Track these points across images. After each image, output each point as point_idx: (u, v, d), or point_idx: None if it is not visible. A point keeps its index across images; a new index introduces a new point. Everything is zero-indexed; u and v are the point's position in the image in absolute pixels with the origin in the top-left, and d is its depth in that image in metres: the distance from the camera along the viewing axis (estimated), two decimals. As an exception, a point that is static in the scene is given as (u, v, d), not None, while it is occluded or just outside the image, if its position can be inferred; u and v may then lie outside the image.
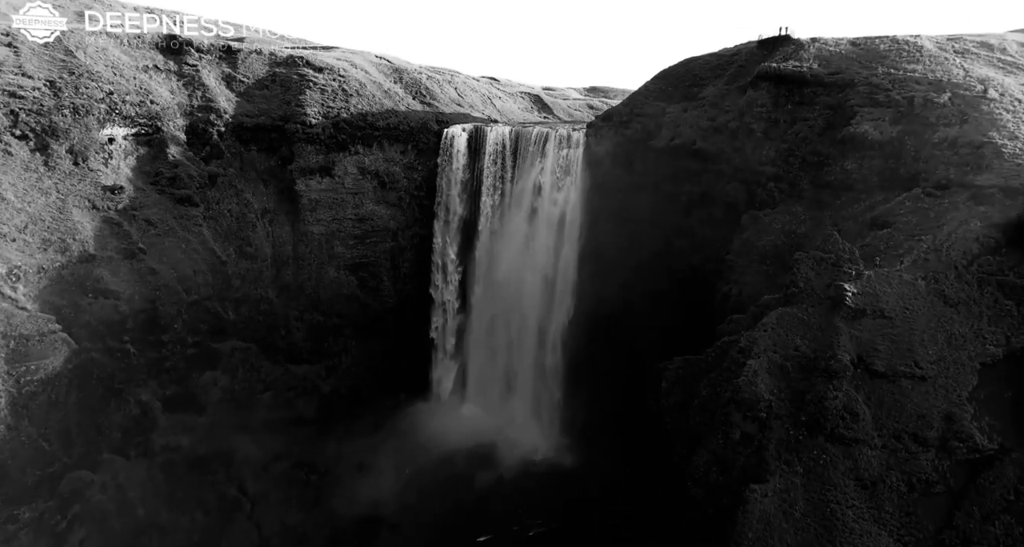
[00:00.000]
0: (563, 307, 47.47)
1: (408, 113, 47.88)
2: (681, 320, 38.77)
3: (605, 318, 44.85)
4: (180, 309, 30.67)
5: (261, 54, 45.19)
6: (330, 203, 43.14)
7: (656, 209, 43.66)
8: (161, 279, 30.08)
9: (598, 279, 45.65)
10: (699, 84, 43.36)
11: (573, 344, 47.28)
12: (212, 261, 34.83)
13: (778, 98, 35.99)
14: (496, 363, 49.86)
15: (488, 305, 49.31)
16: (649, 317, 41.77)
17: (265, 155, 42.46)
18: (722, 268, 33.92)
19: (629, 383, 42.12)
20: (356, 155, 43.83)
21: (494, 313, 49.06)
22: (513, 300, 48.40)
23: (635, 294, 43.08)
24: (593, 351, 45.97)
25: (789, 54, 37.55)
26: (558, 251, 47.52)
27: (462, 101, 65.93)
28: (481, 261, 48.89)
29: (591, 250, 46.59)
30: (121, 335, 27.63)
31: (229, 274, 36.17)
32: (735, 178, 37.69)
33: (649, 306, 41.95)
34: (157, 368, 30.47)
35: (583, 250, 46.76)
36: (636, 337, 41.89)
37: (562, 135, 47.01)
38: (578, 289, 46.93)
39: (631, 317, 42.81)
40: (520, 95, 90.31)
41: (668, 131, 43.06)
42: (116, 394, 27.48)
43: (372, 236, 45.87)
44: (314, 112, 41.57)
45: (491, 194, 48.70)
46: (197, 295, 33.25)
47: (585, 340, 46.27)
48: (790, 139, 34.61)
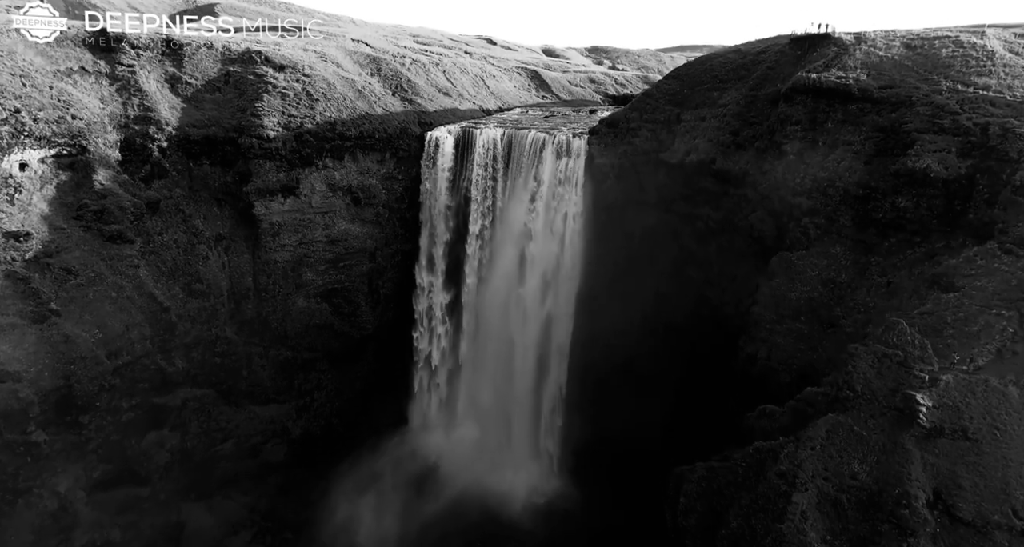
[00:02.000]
0: (562, 332, 42.79)
1: (385, 116, 41.98)
2: (697, 372, 34.26)
3: (608, 350, 40.32)
4: (105, 382, 25.86)
5: (212, 49, 38.93)
6: (296, 225, 37.78)
7: (668, 231, 38.54)
8: (79, 348, 25.09)
9: (600, 307, 40.87)
10: (719, 88, 37.51)
11: (575, 372, 42.86)
12: (151, 309, 29.79)
13: (816, 114, 30.38)
14: (490, 391, 45.49)
15: (480, 330, 44.59)
16: (658, 359, 37.16)
17: (220, 169, 36.82)
18: (747, 322, 29.08)
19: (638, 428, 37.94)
20: (324, 170, 38.20)
21: (487, 339, 44.38)
22: (507, 325, 43.68)
23: (643, 329, 38.40)
24: (598, 381, 41.62)
25: (830, 60, 31.72)
26: (556, 273, 42.53)
27: (451, 87, 59.65)
28: (471, 283, 43.90)
29: (592, 273, 41.63)
30: (24, 426, 22.65)
31: (174, 321, 31.16)
32: (762, 206, 32.43)
33: (659, 345, 37.32)
34: (79, 451, 25.93)
35: (584, 274, 41.78)
36: (644, 387, 37.35)
37: (560, 142, 41.29)
38: (579, 314, 42.18)
39: (638, 357, 38.21)
40: (516, 71, 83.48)
41: (683, 143, 37.47)
42: (22, 493, 22.95)
43: (346, 259, 40.71)
44: (273, 122, 35.70)
45: (480, 207, 43.31)
46: (131, 355, 28.41)
47: (587, 373, 41.84)
48: (830, 166, 29.22)
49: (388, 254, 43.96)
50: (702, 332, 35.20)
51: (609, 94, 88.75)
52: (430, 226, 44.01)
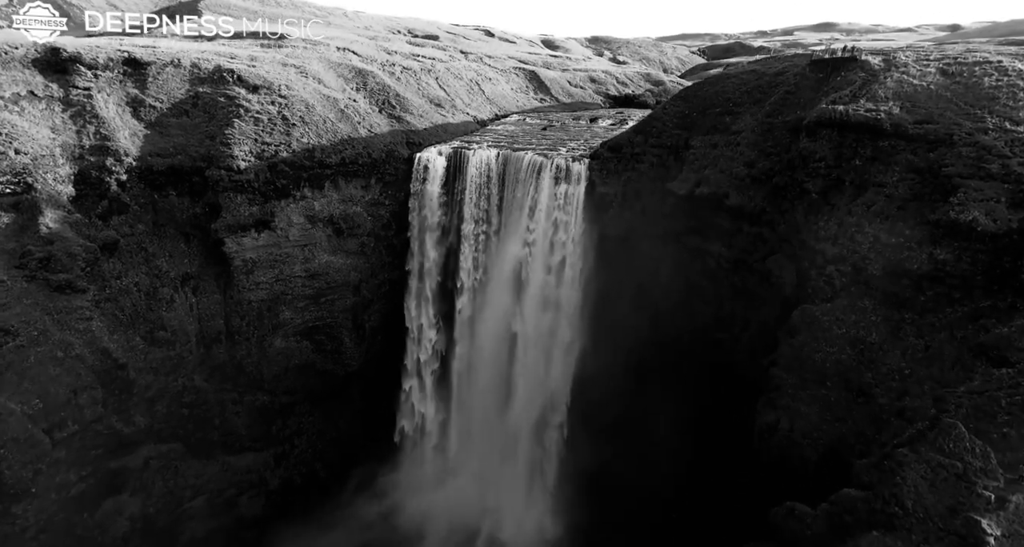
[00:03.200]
0: (561, 372, 39.95)
1: (370, 138, 38.85)
2: (707, 428, 31.52)
3: (610, 392, 37.58)
4: (43, 464, 22.98)
5: (180, 67, 35.68)
6: (271, 261, 34.76)
7: (676, 265, 35.60)
8: (11, 428, 22.11)
9: (601, 346, 38.08)
10: (732, 112, 34.50)
11: (576, 415, 40.09)
12: (104, 367, 26.84)
13: (842, 150, 27.44)
14: (484, 432, 42.72)
15: (473, 367, 41.75)
16: (664, 405, 34.44)
17: (188, 200, 33.71)
18: (765, 383, 26.26)
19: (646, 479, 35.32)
20: (303, 200, 35.13)
21: (480, 377, 41.55)
22: (502, 361, 40.84)
23: (648, 372, 35.68)
24: (601, 427, 38.88)
25: (857, 88, 28.72)
26: (555, 307, 39.63)
27: (444, 96, 56.51)
28: (464, 316, 40.99)
29: (594, 308, 38.79)
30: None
31: (132, 377, 28.22)
32: (780, 250, 29.57)
33: (665, 390, 34.59)
34: (15, 542, 23.05)
35: (584, 308, 38.93)
36: (650, 436, 34.64)
37: (559, 167, 38.30)
38: (579, 353, 39.37)
39: (642, 403, 35.47)
40: (514, 72, 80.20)
41: (692, 172, 34.49)
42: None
43: (328, 294, 37.72)
44: (244, 152, 32.57)
45: (473, 236, 40.33)
46: (79, 424, 25.46)
47: (590, 416, 39.12)
48: (859, 210, 26.32)
49: (374, 285, 41.00)
50: (713, 380, 32.44)
51: (610, 95, 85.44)
52: (419, 256, 41.05)
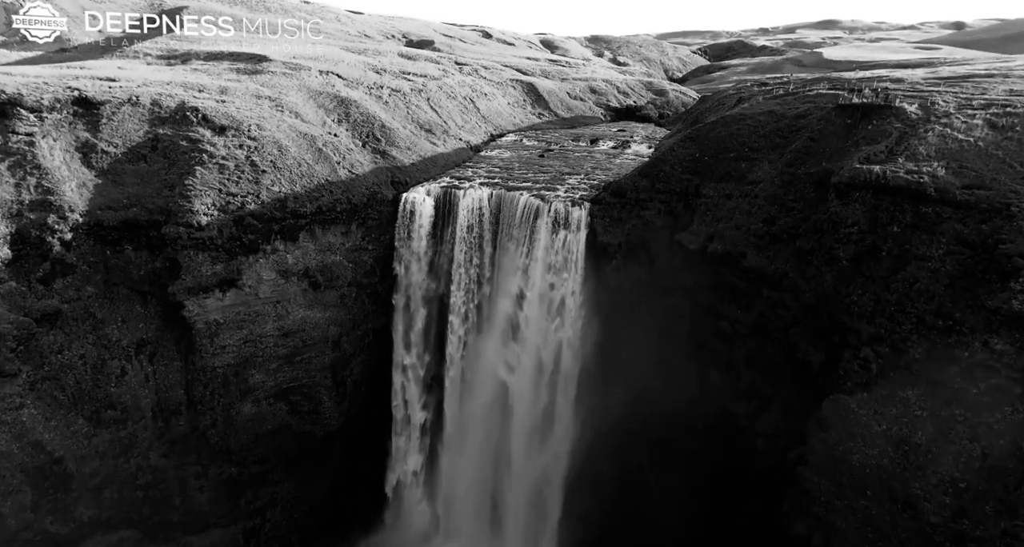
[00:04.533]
0: (560, 434, 36.64)
1: (351, 180, 35.48)
2: (720, 518, 28.32)
3: (613, 461, 34.36)
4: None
5: (138, 106, 32.26)
6: (239, 322, 31.39)
7: (685, 323, 32.40)
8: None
9: (603, 408, 34.81)
10: (748, 158, 31.26)
11: (577, 481, 36.77)
12: (37, 463, 23.51)
13: (878, 215, 24.21)
14: (477, 494, 39.40)
15: (465, 426, 38.43)
16: (669, 480, 31.26)
17: (146, 254, 30.31)
18: (796, 487, 23.01)
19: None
20: (274, 254, 31.77)
21: (472, 437, 38.24)
22: (496, 421, 37.54)
23: (652, 442, 32.50)
24: (603, 497, 35.60)
25: (894, 143, 25.50)
26: (553, 364, 36.35)
27: (435, 120, 53.24)
28: (454, 373, 37.68)
29: (595, 366, 35.52)
30: None
31: (70, 471, 24.88)
32: (806, 321, 26.34)
33: (671, 464, 31.42)
34: None
35: (584, 366, 35.66)
36: (656, 518, 31.40)
37: (557, 212, 34.96)
38: (579, 415, 36.07)
39: (647, 479, 32.26)
40: (510, 84, 76.95)
41: (704, 225, 31.27)
42: None
43: (305, 352, 34.40)
44: (206, 205, 29.15)
45: (464, 286, 37.03)
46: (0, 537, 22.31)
47: (591, 483, 35.82)
48: (899, 286, 23.12)
49: (356, 337, 37.64)
50: (728, 461, 29.22)
51: (611, 106, 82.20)
52: (405, 308, 37.71)
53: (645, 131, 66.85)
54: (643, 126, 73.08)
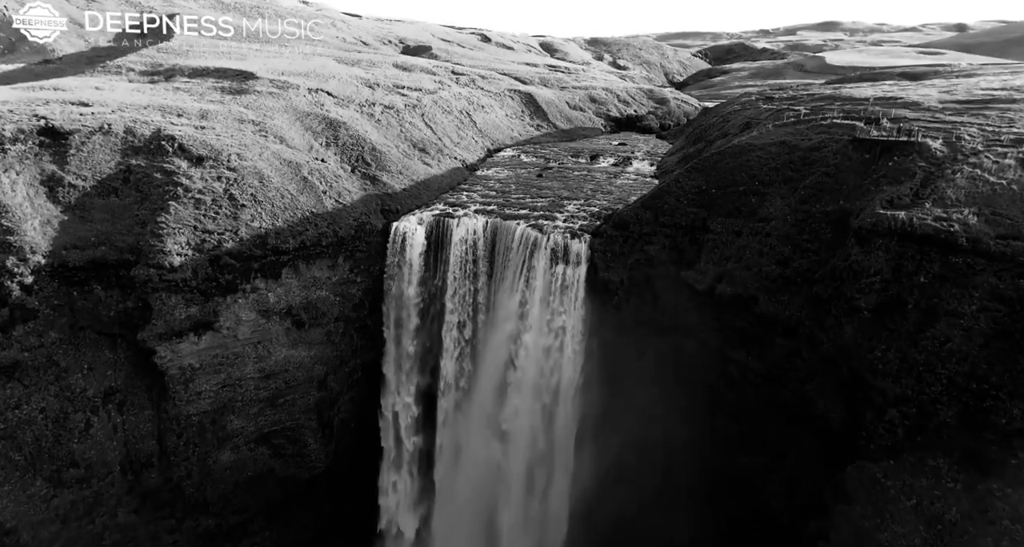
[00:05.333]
0: (558, 479, 34.71)
1: (338, 211, 33.53)
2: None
3: (615, 508, 32.42)
4: None
5: (110, 135, 30.33)
6: (216, 366, 29.44)
7: (692, 365, 30.49)
8: None
9: (604, 454, 32.90)
10: (758, 192, 29.36)
11: (577, 530, 34.80)
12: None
13: (903, 263, 22.35)
14: (474, 539, 37.41)
15: (458, 470, 36.44)
16: (675, 531, 29.34)
17: (117, 294, 28.35)
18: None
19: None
20: (255, 293, 29.82)
21: (466, 481, 36.26)
22: (490, 465, 35.56)
23: (656, 490, 30.53)
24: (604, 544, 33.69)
25: (919, 185, 23.64)
26: (551, 406, 34.44)
27: (430, 137, 51.43)
28: (446, 413, 35.72)
29: (595, 409, 33.61)
30: None
31: (24, 542, 22.96)
32: (824, 374, 24.46)
33: (677, 516, 29.47)
34: None
35: (584, 409, 33.74)
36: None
37: (556, 244, 33.07)
38: (579, 459, 34.15)
39: (652, 529, 30.32)
40: (508, 95, 75.29)
41: (712, 263, 29.36)
42: None
43: (288, 393, 32.47)
44: (180, 244, 27.19)
45: (458, 322, 35.10)
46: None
47: (592, 532, 33.87)
48: (928, 344, 21.23)
49: (344, 374, 35.69)
50: (739, 518, 27.32)
51: (611, 116, 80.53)
52: (396, 344, 35.76)
53: (646, 145, 65.07)
54: (644, 138, 71.28)
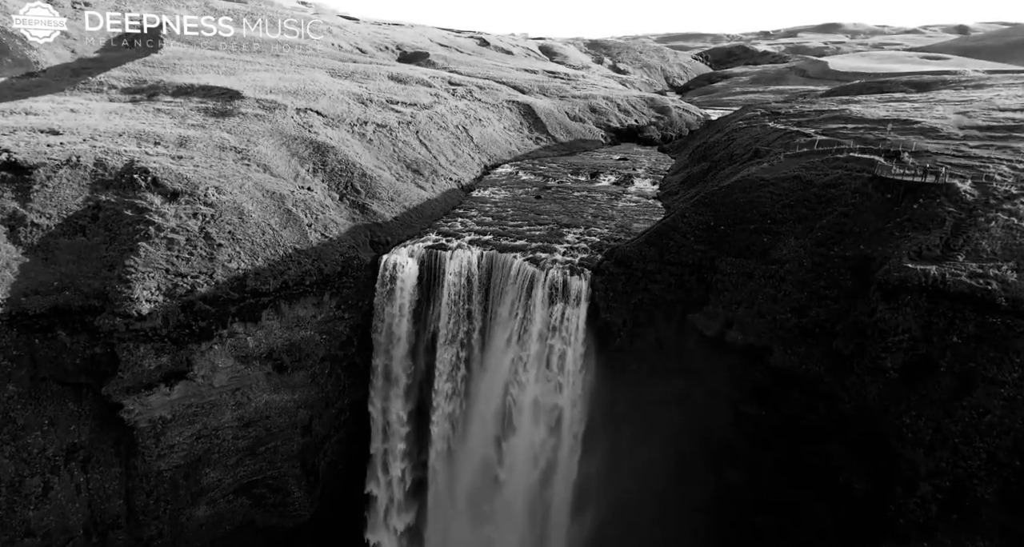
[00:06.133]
0: (557, 532, 32.69)
1: (323, 246, 31.57)
2: None
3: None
4: None
5: (78, 168, 28.41)
6: (190, 416, 27.49)
7: (700, 413, 28.56)
8: None
9: (606, 506, 30.97)
10: (771, 231, 27.45)
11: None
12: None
13: (933, 320, 20.44)
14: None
15: (450, 518, 34.47)
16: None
17: (85, 338, 26.38)
18: None
19: None
20: (232, 338, 27.87)
21: (459, 530, 34.26)
22: (484, 514, 33.59)
23: None
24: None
25: (949, 234, 21.73)
26: (550, 453, 32.46)
27: (424, 157, 49.65)
28: (438, 455, 33.78)
29: (596, 458, 31.67)
30: None
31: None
32: (846, 435, 22.52)
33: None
34: None
35: (585, 458, 31.79)
36: None
37: (554, 281, 31.16)
38: (578, 512, 32.16)
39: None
40: (507, 106, 73.54)
41: (721, 306, 27.44)
42: None
43: (270, 440, 30.54)
44: (150, 290, 25.21)
45: (451, 361, 33.17)
46: None
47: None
48: (964, 415, 19.32)
49: (331, 416, 33.76)
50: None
51: (612, 127, 78.84)
52: (385, 383, 33.82)
53: (648, 160, 63.31)
54: (646, 152, 69.52)
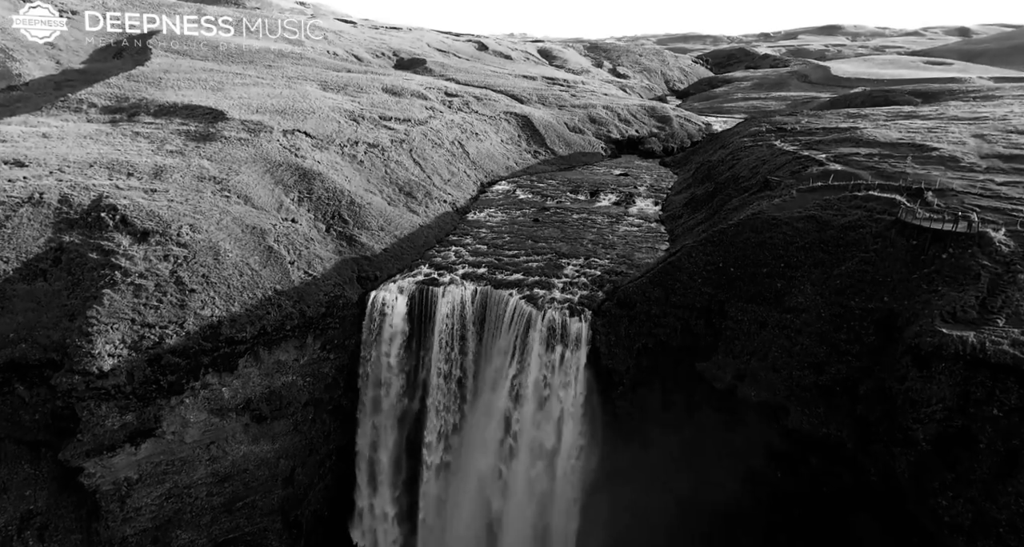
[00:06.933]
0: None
1: (306, 285, 29.57)
2: None
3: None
4: None
5: (41, 206, 26.45)
6: (160, 475, 25.49)
7: (708, 468, 26.58)
8: None
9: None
10: (785, 275, 25.51)
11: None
12: None
13: (970, 390, 18.53)
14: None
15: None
16: None
17: (44, 392, 24.40)
18: None
19: None
20: (206, 390, 25.87)
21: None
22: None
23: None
24: None
25: (986, 291, 19.79)
26: (547, 505, 30.45)
27: (418, 176, 47.85)
28: (428, 511, 31.78)
29: (599, 513, 29.66)
30: None
31: None
32: (871, 510, 20.59)
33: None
34: None
35: (585, 512, 29.80)
36: None
37: (552, 322, 29.20)
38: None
39: None
40: (504, 118, 71.80)
41: (731, 356, 25.49)
42: None
43: (248, 495, 28.55)
44: (113, 344, 23.18)
45: (442, 406, 31.20)
46: None
47: None
48: (1010, 501, 17.38)
49: (315, 463, 31.73)
50: None
51: (612, 138, 77.10)
52: (373, 427, 31.85)
53: (649, 176, 61.52)
54: (647, 166, 67.76)
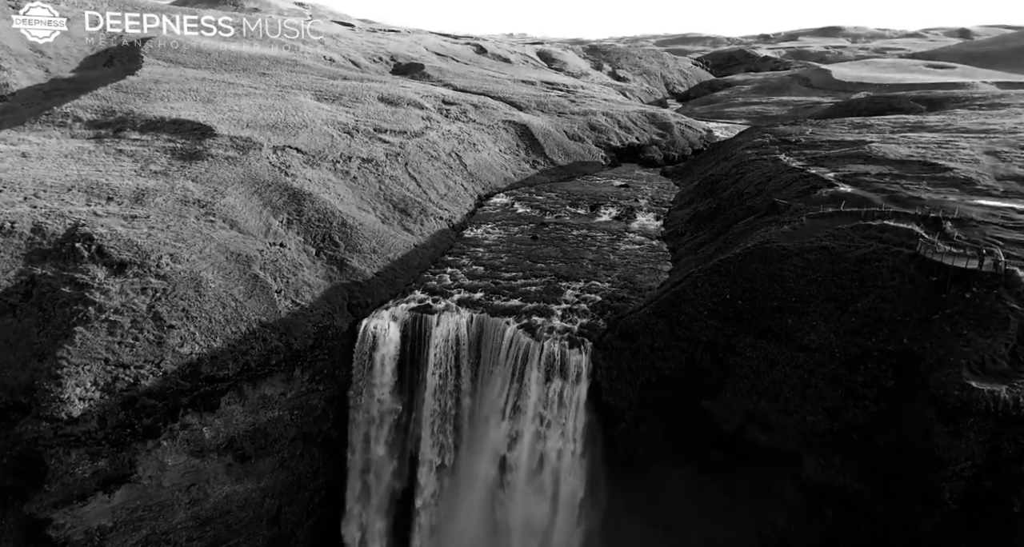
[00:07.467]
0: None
1: (293, 316, 28.22)
2: None
3: None
4: None
5: (12, 235, 25.09)
6: (136, 521, 24.13)
7: (713, 514, 25.27)
8: None
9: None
10: (795, 310, 24.17)
11: None
12: None
13: (1000, 446, 17.24)
14: None
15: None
16: None
17: (12, 437, 23.01)
18: None
19: None
20: (185, 431, 24.51)
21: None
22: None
23: None
24: None
25: (1015, 339, 18.43)
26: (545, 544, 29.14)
27: (413, 191, 46.60)
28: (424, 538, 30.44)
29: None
30: None
31: None
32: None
33: None
34: None
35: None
36: None
37: (551, 355, 27.89)
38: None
39: None
40: (503, 126, 70.55)
41: (739, 395, 24.18)
42: None
43: (231, 538, 27.22)
44: (84, 387, 21.82)
45: (436, 441, 29.88)
46: None
47: None
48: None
49: (303, 500, 30.36)
50: None
51: (612, 146, 75.90)
52: (364, 464, 30.49)
53: (650, 187, 60.28)
54: (648, 176, 66.54)
